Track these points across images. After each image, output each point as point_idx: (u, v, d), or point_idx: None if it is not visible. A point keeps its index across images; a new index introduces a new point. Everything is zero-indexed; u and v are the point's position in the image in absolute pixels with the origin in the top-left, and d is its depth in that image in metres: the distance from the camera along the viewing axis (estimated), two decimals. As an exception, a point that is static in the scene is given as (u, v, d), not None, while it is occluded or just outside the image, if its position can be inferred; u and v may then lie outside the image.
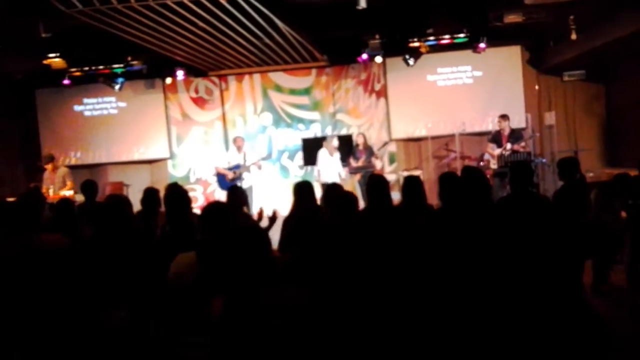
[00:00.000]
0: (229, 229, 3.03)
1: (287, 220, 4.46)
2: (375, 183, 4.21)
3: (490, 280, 3.17)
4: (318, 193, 6.06)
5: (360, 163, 9.68)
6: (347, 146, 10.48)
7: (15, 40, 8.08)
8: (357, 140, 9.92)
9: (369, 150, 9.81)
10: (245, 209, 5.18)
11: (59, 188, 8.41)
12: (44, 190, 8.53)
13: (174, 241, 3.64)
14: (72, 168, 9.46)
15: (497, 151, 8.99)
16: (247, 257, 2.35)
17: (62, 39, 7.75)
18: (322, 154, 9.48)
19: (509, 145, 8.89)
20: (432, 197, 4.86)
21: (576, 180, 5.03)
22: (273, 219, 4.64)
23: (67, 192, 8.31)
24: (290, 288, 2.38)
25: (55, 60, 8.95)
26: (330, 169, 9.35)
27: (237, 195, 4.95)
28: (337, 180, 8.95)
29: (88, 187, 6.03)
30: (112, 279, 3.32)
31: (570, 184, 4.96)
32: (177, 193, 4.25)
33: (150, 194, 5.21)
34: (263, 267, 2.35)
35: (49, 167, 8.71)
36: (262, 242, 2.46)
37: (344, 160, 9.95)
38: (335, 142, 9.49)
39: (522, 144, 9.02)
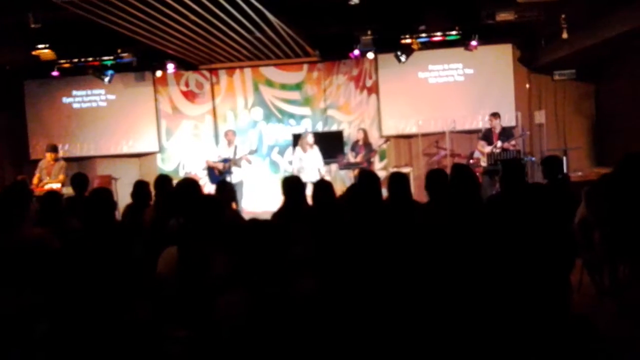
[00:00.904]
0: (219, 225, 3.02)
1: (277, 215, 4.44)
2: (365, 178, 4.20)
3: (475, 278, 3.17)
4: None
5: (359, 159, 9.71)
6: (337, 142, 10.50)
7: (4, 31, 7.99)
8: (358, 135, 9.97)
9: (369, 147, 9.85)
10: (234, 204, 5.13)
11: (52, 180, 8.36)
12: (35, 178, 8.46)
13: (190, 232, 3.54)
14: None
15: (488, 149, 9.02)
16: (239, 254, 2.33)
17: (51, 30, 7.67)
18: (297, 151, 9.53)
19: (499, 143, 8.92)
20: (422, 194, 4.87)
21: (559, 179, 5.05)
22: None
23: (55, 185, 8.24)
24: (298, 281, 2.36)
25: (44, 52, 8.85)
26: (306, 165, 9.37)
27: (225, 191, 4.90)
28: (316, 176, 8.98)
29: (79, 181, 5.92)
30: (97, 274, 3.29)
31: (553, 183, 4.98)
32: (189, 184, 4.26)
33: (140, 186, 5.19)
34: (271, 263, 2.33)
35: (50, 156, 8.61)
36: (251, 240, 2.44)
37: (334, 156, 9.98)
38: (310, 139, 9.49)
39: (513, 142, 9.06)
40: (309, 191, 4.43)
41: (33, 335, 3.10)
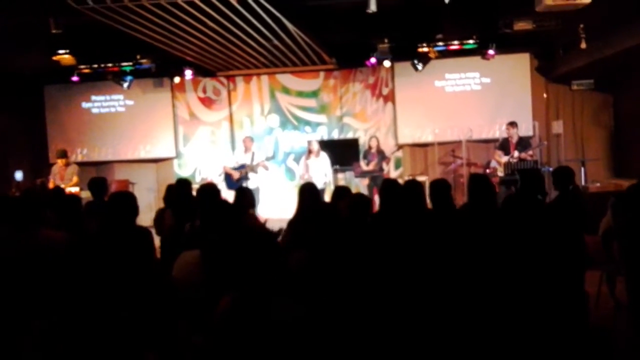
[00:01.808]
0: (238, 230, 3.02)
1: (292, 222, 4.45)
2: (388, 187, 4.20)
3: (490, 287, 3.15)
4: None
5: (371, 167, 9.71)
6: (352, 150, 10.50)
7: (25, 36, 8.11)
8: (370, 143, 9.96)
9: (381, 154, 9.84)
10: (251, 210, 5.15)
11: (67, 185, 8.45)
12: (51, 184, 8.58)
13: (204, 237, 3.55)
14: (79, 165, 9.49)
15: (504, 159, 8.97)
16: (255, 260, 2.33)
17: (72, 36, 7.77)
18: (303, 157, 9.77)
19: (516, 153, 8.86)
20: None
21: (570, 191, 4.99)
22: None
23: (73, 189, 8.34)
24: (288, 300, 2.35)
25: (64, 57, 8.97)
26: (312, 172, 9.49)
27: (244, 197, 4.92)
28: (321, 182, 9.05)
29: (98, 185, 5.88)
30: (112, 277, 3.31)
31: (564, 193, 4.93)
32: (209, 188, 4.28)
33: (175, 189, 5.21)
34: (272, 270, 2.33)
35: (61, 161, 8.73)
36: (270, 246, 2.44)
37: (350, 163, 9.98)
38: (314, 146, 9.58)
39: (530, 152, 9.00)
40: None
41: (46, 334, 3.13)
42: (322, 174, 9.46)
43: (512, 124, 9.14)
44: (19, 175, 9.35)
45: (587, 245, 4.50)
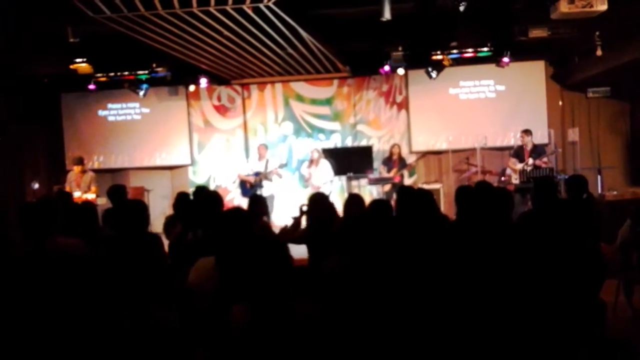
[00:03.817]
0: (250, 238, 3.04)
1: (304, 232, 4.47)
2: (407, 195, 4.20)
3: (505, 297, 3.13)
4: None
5: (392, 174, 9.77)
6: (366, 157, 10.50)
7: (43, 45, 8.23)
8: (393, 150, 10.00)
9: (402, 162, 9.87)
10: (265, 218, 5.17)
11: (84, 192, 8.51)
12: (67, 191, 8.64)
13: (206, 245, 3.60)
14: (95, 172, 9.58)
15: (519, 166, 8.92)
16: (266, 268, 2.34)
17: (89, 45, 7.87)
18: (305, 165, 9.97)
19: (530, 161, 8.81)
20: (452, 211, 4.84)
21: (584, 199, 4.95)
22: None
23: (90, 196, 8.41)
24: (305, 301, 2.36)
25: (81, 65, 9.07)
26: (313, 179, 9.62)
27: (258, 204, 4.93)
28: (326, 189, 9.10)
29: (117, 192, 5.85)
30: (127, 285, 3.33)
31: (577, 202, 4.89)
32: (209, 196, 4.28)
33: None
34: (282, 278, 2.34)
35: (77, 168, 8.81)
36: (280, 254, 2.46)
37: (363, 171, 10.00)
38: (315, 154, 9.70)
39: (545, 159, 8.94)
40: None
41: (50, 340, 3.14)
42: (323, 181, 9.52)
43: (527, 132, 9.10)
44: (36, 185, 9.45)
45: (604, 254, 4.46)
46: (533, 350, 2.90)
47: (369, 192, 10.45)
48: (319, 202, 4.69)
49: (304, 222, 4.70)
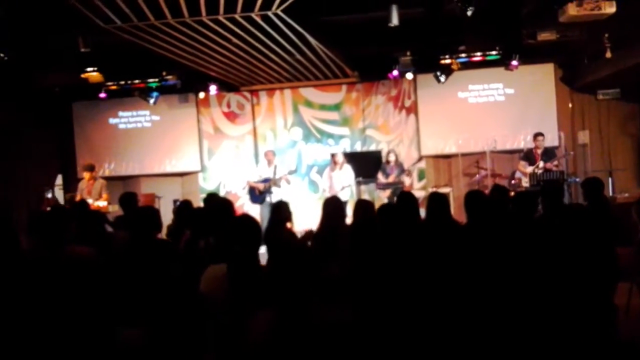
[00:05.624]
0: (274, 244, 3.04)
1: (316, 236, 4.48)
2: (405, 200, 4.22)
3: (517, 299, 3.13)
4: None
5: (390, 179, 9.70)
6: (375, 162, 10.49)
7: (55, 55, 8.32)
8: (388, 158, 9.95)
9: (400, 167, 9.83)
10: (289, 224, 5.13)
11: (95, 199, 8.55)
12: (77, 199, 8.69)
13: (219, 252, 3.59)
14: (106, 179, 9.65)
15: (530, 169, 8.89)
16: (292, 274, 2.35)
17: (100, 54, 7.95)
18: (327, 169, 9.91)
19: (541, 164, 8.79)
20: (462, 215, 4.84)
21: (600, 201, 4.93)
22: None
23: (101, 203, 8.46)
24: (334, 306, 2.37)
25: (92, 74, 9.16)
26: (335, 184, 9.57)
27: (281, 211, 4.89)
28: (345, 194, 9.11)
29: (128, 200, 5.84)
30: (135, 294, 3.35)
31: (594, 204, 4.87)
32: (220, 203, 4.29)
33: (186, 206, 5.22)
34: (307, 284, 2.35)
35: (87, 175, 8.85)
36: (304, 259, 2.47)
37: (372, 175, 9.98)
38: (339, 158, 9.68)
39: (555, 162, 8.92)
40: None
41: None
42: (345, 185, 9.50)
43: (540, 135, 9.07)
44: (49, 194, 9.54)
45: (618, 257, 4.44)
46: (545, 353, 2.90)
47: (378, 197, 10.44)
48: (331, 205, 4.68)
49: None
